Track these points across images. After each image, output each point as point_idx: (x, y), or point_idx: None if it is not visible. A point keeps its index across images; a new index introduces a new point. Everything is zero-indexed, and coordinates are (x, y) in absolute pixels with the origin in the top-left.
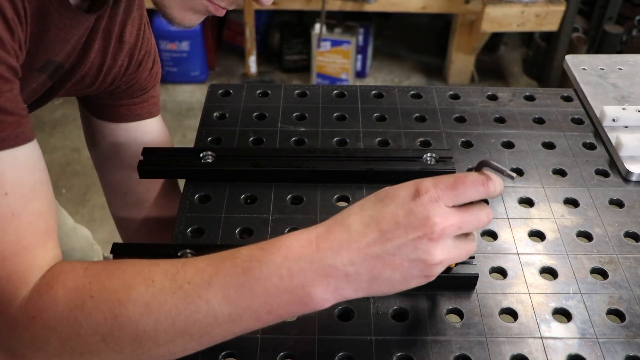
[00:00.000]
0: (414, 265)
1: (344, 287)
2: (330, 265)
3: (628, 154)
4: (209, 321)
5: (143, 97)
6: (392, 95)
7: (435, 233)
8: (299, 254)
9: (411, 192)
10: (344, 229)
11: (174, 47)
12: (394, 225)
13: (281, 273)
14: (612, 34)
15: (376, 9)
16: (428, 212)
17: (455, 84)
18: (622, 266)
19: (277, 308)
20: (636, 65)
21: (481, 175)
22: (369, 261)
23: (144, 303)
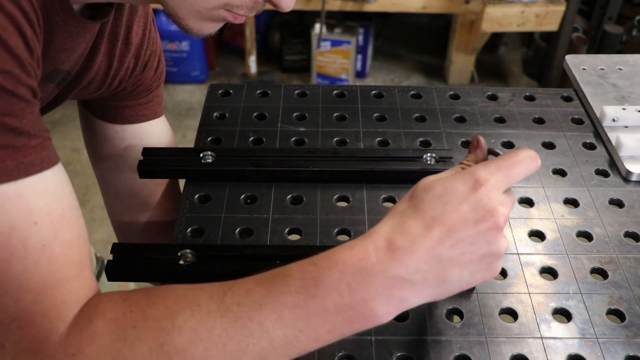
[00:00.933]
0: (483, 260)
1: (409, 296)
2: (395, 277)
3: (628, 154)
4: (264, 345)
5: (148, 97)
6: (392, 95)
7: (502, 224)
8: (357, 268)
9: (470, 184)
10: (404, 235)
11: (174, 47)
12: (462, 221)
13: (340, 289)
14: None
15: (376, 9)
16: (494, 202)
17: (455, 84)
18: (622, 266)
19: (338, 326)
20: (636, 65)
21: (530, 151)
22: (437, 265)
23: (191, 329)
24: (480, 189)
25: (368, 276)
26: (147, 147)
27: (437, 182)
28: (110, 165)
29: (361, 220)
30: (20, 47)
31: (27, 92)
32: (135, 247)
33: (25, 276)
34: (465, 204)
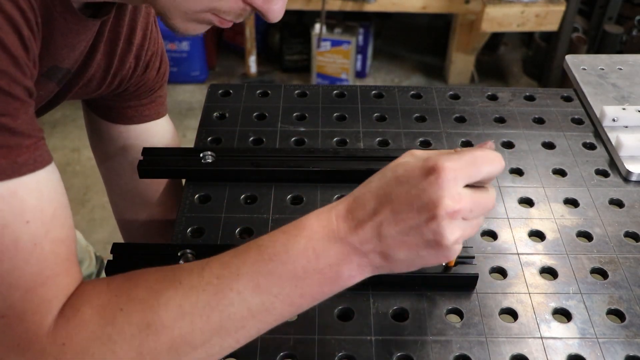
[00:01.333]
0: (427, 247)
1: (365, 265)
2: (350, 245)
3: (628, 154)
4: (243, 314)
5: (151, 98)
6: (392, 95)
7: (448, 216)
8: (321, 234)
9: (426, 170)
10: (360, 207)
11: (174, 47)
12: (407, 205)
13: (307, 255)
14: (612, 34)
15: (376, 9)
16: (443, 193)
17: (455, 84)
18: (622, 266)
19: (308, 290)
20: (636, 65)
21: (497, 153)
22: (382, 241)
23: (176, 305)
24: (431, 177)
25: (330, 242)
26: (147, 147)
27: (404, 162)
28: (115, 165)
29: None
30: (17, 47)
31: (23, 92)
32: (135, 247)
33: (15, 274)
34: (415, 189)
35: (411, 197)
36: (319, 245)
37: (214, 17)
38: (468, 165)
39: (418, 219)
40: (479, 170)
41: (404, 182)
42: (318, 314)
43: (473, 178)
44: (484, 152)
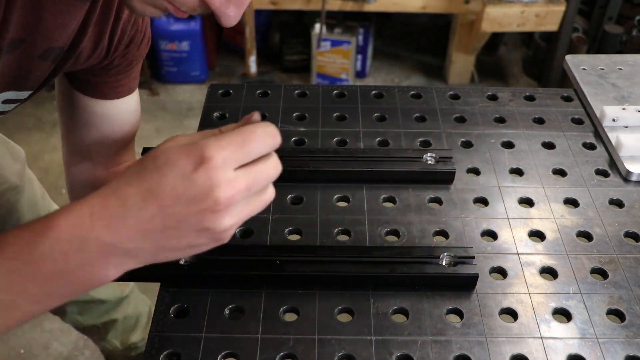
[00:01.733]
0: (201, 235)
1: (127, 262)
2: (109, 244)
3: (628, 154)
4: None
5: (127, 73)
6: (392, 95)
7: (221, 204)
8: (71, 234)
9: (193, 159)
10: (120, 204)
11: (174, 47)
12: (174, 198)
13: (54, 256)
14: (612, 34)
15: (376, 9)
16: (212, 182)
17: (455, 84)
18: (622, 266)
19: (57, 290)
20: (636, 65)
21: (268, 127)
22: (150, 237)
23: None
24: (200, 167)
25: (82, 242)
26: (147, 147)
27: (165, 150)
28: (80, 130)
29: (361, 220)
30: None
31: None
32: None
33: None
34: (182, 180)
35: (179, 190)
36: (68, 247)
37: (169, 5)
38: (238, 149)
39: (187, 212)
40: (250, 152)
41: (168, 173)
42: (318, 314)
43: (244, 160)
44: (253, 130)
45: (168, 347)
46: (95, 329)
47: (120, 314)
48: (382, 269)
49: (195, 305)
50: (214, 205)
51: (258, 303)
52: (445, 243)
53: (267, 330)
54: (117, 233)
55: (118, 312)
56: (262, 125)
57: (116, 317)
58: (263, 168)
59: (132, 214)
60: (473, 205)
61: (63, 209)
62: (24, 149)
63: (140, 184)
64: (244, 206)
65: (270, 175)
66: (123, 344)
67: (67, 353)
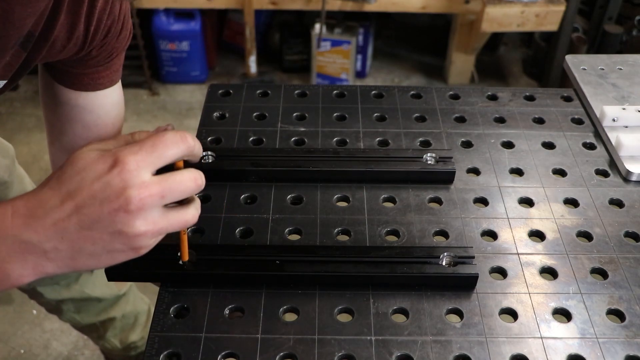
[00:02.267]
0: (115, 239)
1: (44, 263)
2: (26, 242)
3: (628, 154)
4: None
5: (107, 65)
6: (392, 95)
7: (133, 205)
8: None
9: (109, 163)
10: (40, 204)
11: (174, 47)
12: (89, 198)
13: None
14: (612, 34)
15: (376, 9)
16: (125, 184)
17: (455, 84)
18: (622, 266)
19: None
20: (636, 65)
21: (178, 132)
22: (66, 237)
23: None
24: (114, 170)
25: (1, 237)
26: None
27: (84, 155)
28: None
29: (361, 220)
30: None
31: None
32: None
33: None
34: (98, 182)
35: (94, 191)
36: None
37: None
38: (149, 153)
39: (101, 211)
40: (161, 155)
41: (85, 177)
42: (318, 314)
43: (157, 164)
44: (162, 135)
45: (168, 347)
46: (94, 327)
47: (119, 312)
48: (382, 269)
49: (195, 305)
50: (126, 205)
51: (258, 303)
52: (445, 243)
53: (267, 330)
54: (35, 232)
55: (116, 310)
56: (172, 131)
57: (114, 315)
58: (179, 178)
59: (50, 214)
60: (473, 205)
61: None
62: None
63: (59, 186)
64: (160, 216)
65: (186, 187)
66: (122, 343)
67: (67, 353)
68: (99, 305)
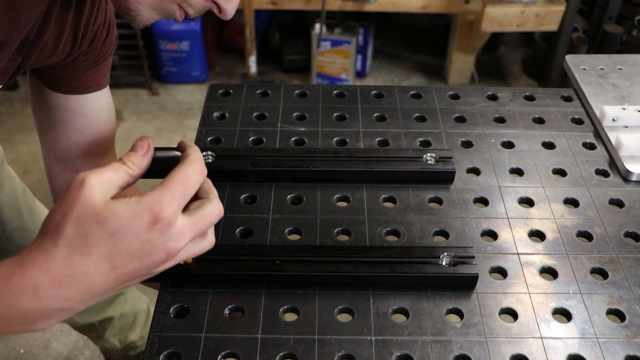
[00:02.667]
0: (142, 274)
1: (70, 314)
2: (55, 309)
3: (628, 154)
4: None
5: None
6: (392, 95)
7: (172, 255)
8: (11, 304)
9: (147, 220)
10: (70, 273)
11: (174, 47)
12: (129, 259)
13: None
14: (612, 34)
15: (376, 9)
16: (165, 238)
17: (455, 84)
18: (622, 266)
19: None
20: (636, 65)
21: (198, 166)
22: (100, 295)
23: None
24: (154, 227)
25: (24, 310)
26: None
27: (112, 216)
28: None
29: (361, 220)
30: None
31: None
32: None
33: None
34: (137, 242)
35: (134, 251)
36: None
37: (177, 10)
38: (182, 199)
39: (140, 266)
40: (189, 196)
41: (123, 239)
42: (318, 314)
43: (186, 200)
44: (191, 179)
45: (168, 347)
46: (92, 327)
47: (117, 311)
48: (382, 269)
49: (195, 305)
50: (166, 257)
51: (258, 303)
52: (445, 243)
53: (267, 330)
54: (66, 300)
55: (114, 309)
56: (191, 166)
57: (112, 315)
58: (208, 215)
59: (82, 281)
60: (473, 205)
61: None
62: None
63: (90, 250)
64: (183, 252)
65: (212, 220)
66: (122, 343)
67: (67, 353)
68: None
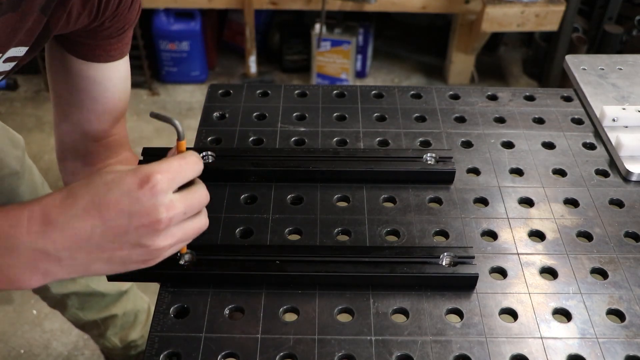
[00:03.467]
0: (135, 251)
1: (57, 270)
2: (41, 250)
3: (628, 154)
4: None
5: (119, 37)
6: (392, 95)
7: (162, 224)
8: (6, 234)
9: (140, 178)
10: (60, 212)
11: (174, 47)
12: (117, 212)
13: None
14: (612, 34)
15: (376, 9)
16: (156, 201)
17: (455, 84)
18: (622, 266)
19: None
20: (636, 65)
21: (195, 154)
22: (86, 247)
23: None
24: (145, 186)
25: (14, 244)
26: (147, 147)
27: (113, 169)
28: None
29: (361, 220)
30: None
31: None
32: None
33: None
34: (127, 197)
35: (123, 204)
36: (0, 245)
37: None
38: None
39: (128, 226)
40: (185, 176)
41: (115, 188)
42: (318, 314)
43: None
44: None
45: (168, 347)
46: (95, 324)
47: (120, 309)
48: (382, 269)
49: (195, 305)
50: (155, 224)
51: (258, 303)
52: (445, 243)
53: (267, 330)
54: (52, 241)
55: (118, 307)
56: (193, 153)
57: (116, 313)
58: (197, 194)
59: (71, 224)
60: (473, 205)
61: (5, 207)
62: None
63: (84, 195)
64: (178, 229)
65: (202, 201)
66: (122, 342)
67: (67, 353)
68: (102, 301)
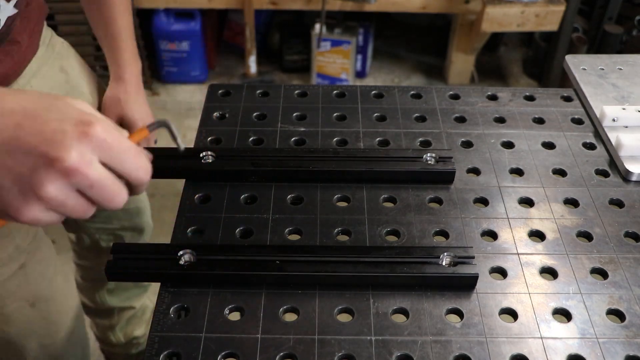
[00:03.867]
0: (20, 185)
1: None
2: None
3: (628, 154)
4: None
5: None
6: (392, 95)
7: (62, 166)
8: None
9: (83, 119)
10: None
11: (174, 47)
12: (39, 95)
13: None
14: (612, 34)
15: (376, 9)
16: (76, 145)
17: (455, 84)
18: (622, 266)
19: None
20: (636, 65)
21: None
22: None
23: None
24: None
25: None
26: (147, 147)
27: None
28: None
29: (361, 220)
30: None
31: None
32: (135, 247)
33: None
34: (54, 122)
35: (44, 126)
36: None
37: None
38: (119, 149)
39: (34, 147)
40: (123, 160)
41: (53, 109)
42: (318, 314)
43: (113, 162)
44: (139, 152)
45: (168, 347)
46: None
47: (138, 302)
48: (382, 269)
49: (195, 305)
50: (56, 161)
51: (258, 303)
52: (445, 243)
53: (267, 330)
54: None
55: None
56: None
57: (134, 305)
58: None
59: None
60: (473, 205)
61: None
62: None
63: (15, 94)
64: (70, 196)
65: (112, 198)
66: (126, 337)
67: None
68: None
